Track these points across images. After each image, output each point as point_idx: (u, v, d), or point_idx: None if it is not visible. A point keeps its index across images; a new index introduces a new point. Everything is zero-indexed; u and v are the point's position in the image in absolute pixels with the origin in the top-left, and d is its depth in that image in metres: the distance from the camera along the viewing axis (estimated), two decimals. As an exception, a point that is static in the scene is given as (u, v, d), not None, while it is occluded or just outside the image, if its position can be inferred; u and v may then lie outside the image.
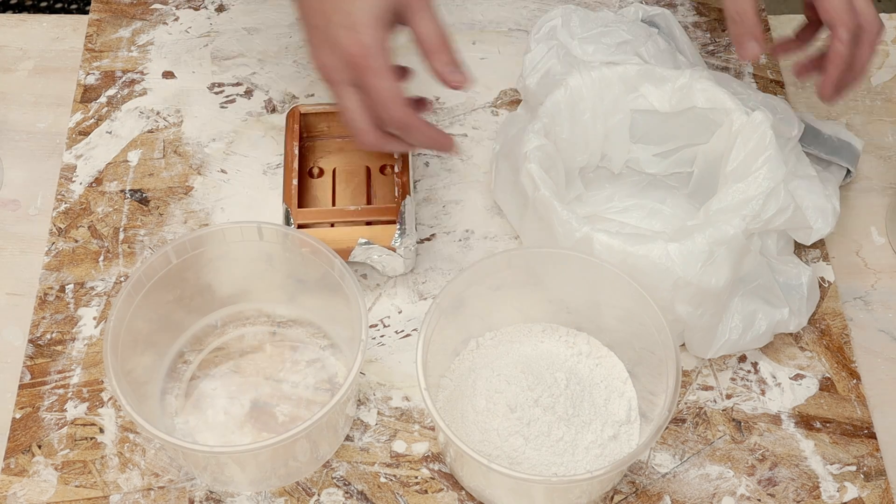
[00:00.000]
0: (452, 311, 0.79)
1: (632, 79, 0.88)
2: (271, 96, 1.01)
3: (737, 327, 0.82)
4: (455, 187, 0.95)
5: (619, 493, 0.80)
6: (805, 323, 0.85)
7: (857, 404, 0.84)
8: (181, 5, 1.06)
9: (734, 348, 0.83)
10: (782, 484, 0.80)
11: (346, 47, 0.75)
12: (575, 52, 0.91)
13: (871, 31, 0.79)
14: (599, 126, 0.89)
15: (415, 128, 0.78)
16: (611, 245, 0.79)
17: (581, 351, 0.83)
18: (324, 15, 0.76)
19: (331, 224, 0.87)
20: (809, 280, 0.85)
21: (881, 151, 0.98)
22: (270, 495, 0.80)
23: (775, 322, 0.83)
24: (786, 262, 0.86)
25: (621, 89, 0.88)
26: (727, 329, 0.82)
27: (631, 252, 0.78)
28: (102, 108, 0.99)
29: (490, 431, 0.77)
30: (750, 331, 0.82)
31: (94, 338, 0.86)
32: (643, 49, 0.91)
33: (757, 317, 0.82)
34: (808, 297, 0.85)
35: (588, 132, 0.89)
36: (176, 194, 0.94)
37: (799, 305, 0.84)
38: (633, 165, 0.93)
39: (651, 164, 0.92)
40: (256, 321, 0.87)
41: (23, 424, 0.82)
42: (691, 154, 0.90)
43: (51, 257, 0.90)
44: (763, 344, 0.84)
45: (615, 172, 0.93)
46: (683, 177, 0.93)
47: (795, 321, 0.84)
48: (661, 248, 0.78)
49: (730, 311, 0.82)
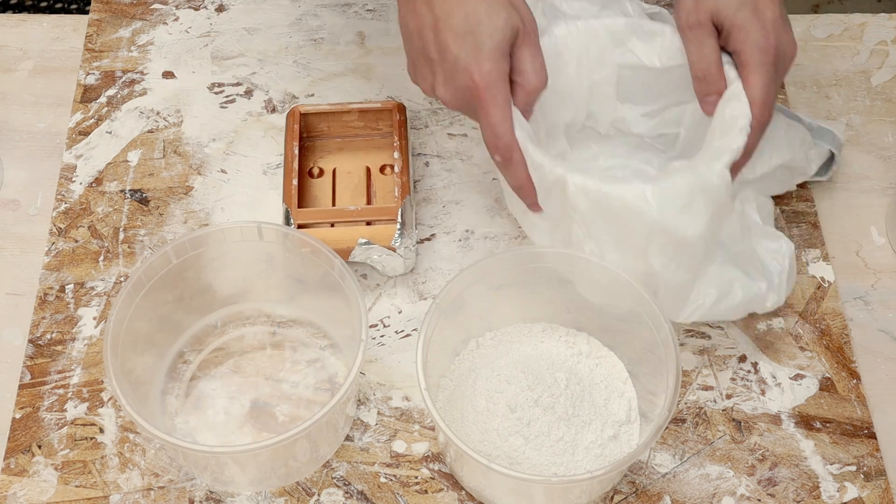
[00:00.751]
0: (452, 311, 0.79)
1: (620, 32, 0.85)
2: (271, 96, 1.01)
3: (711, 294, 0.79)
4: (455, 187, 0.95)
5: (619, 493, 0.80)
6: (782, 302, 0.83)
7: (857, 404, 0.84)
8: (181, 5, 1.06)
9: (707, 315, 0.80)
10: (782, 484, 0.80)
11: (467, 77, 0.76)
12: (561, 7, 0.87)
13: (768, 123, 0.81)
14: (584, 80, 0.86)
15: (514, 164, 0.79)
16: (585, 186, 0.76)
17: (581, 351, 0.83)
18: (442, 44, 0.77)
19: (331, 224, 0.87)
20: (790, 254, 0.83)
21: (881, 151, 0.98)
22: (270, 495, 0.80)
23: (752, 295, 0.80)
24: (771, 233, 0.83)
25: (608, 42, 0.85)
26: (701, 294, 0.79)
27: (605, 192, 0.75)
28: (102, 108, 0.99)
29: (490, 431, 0.77)
30: (725, 300, 0.80)
31: (94, 338, 0.86)
32: (630, 7, 0.88)
33: (734, 286, 0.80)
34: (789, 273, 0.82)
35: (573, 85, 0.86)
36: (176, 194, 0.94)
37: (779, 281, 0.82)
38: (619, 126, 0.90)
39: (638, 123, 0.89)
40: (256, 321, 0.87)
41: (23, 424, 0.82)
42: (679, 113, 0.87)
43: (51, 257, 0.90)
44: (737, 317, 0.82)
45: (601, 133, 0.90)
46: (671, 140, 0.90)
47: (773, 297, 0.81)
48: (637, 189, 0.75)
49: (706, 276, 0.79)
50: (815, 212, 0.93)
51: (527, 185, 0.80)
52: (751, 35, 0.78)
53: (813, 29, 1.06)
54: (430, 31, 0.77)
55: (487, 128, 0.78)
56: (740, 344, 0.87)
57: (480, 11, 0.75)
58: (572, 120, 0.89)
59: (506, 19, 0.76)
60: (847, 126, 0.99)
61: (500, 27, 0.76)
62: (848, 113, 1.00)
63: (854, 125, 1.00)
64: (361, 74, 1.02)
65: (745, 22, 0.78)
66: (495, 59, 0.76)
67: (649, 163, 0.90)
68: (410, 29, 0.79)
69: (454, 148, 0.97)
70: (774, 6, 0.79)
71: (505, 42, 0.76)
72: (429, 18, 0.77)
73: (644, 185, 0.75)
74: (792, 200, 0.94)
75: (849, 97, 1.01)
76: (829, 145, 0.91)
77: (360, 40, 1.05)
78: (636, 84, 0.87)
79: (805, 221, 0.93)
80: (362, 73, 1.02)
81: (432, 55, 0.77)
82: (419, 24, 0.78)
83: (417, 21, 0.78)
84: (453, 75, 0.77)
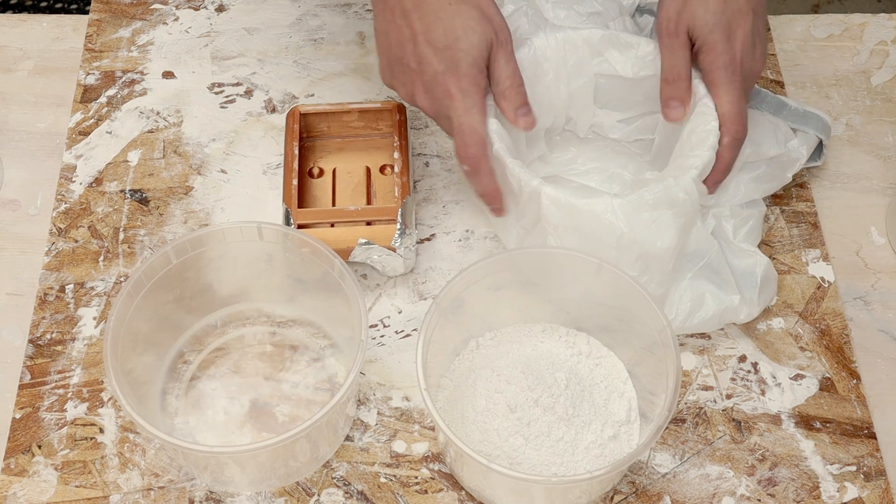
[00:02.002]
0: (452, 311, 0.79)
1: (597, 43, 0.88)
2: (271, 96, 1.01)
3: (685, 308, 0.82)
4: (455, 187, 0.95)
5: (619, 493, 0.80)
6: (756, 314, 0.84)
7: (857, 404, 0.84)
8: (181, 5, 1.06)
9: (681, 328, 0.83)
10: (782, 484, 0.80)
11: (444, 89, 0.80)
12: (547, 15, 0.91)
13: (744, 138, 0.84)
14: (563, 88, 0.90)
15: (481, 173, 0.82)
16: (557, 198, 0.79)
17: (581, 351, 0.83)
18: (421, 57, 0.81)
19: (331, 224, 0.87)
20: (765, 270, 0.85)
21: (881, 151, 0.98)
22: (270, 495, 0.80)
23: (724, 308, 0.83)
24: (744, 249, 0.86)
25: (586, 52, 0.89)
26: (674, 308, 0.82)
27: (576, 205, 0.79)
28: (102, 108, 0.99)
29: (490, 431, 0.77)
30: (698, 313, 0.82)
31: (94, 338, 0.86)
32: (612, 24, 0.92)
33: (706, 299, 0.82)
34: (762, 288, 0.84)
35: (552, 93, 0.90)
36: (176, 194, 0.94)
37: (751, 295, 0.84)
38: (598, 130, 0.94)
39: (615, 129, 0.93)
40: (256, 321, 0.87)
41: (23, 424, 0.82)
42: (653, 120, 0.91)
43: (51, 257, 0.90)
44: (711, 329, 0.84)
45: (580, 136, 0.94)
46: (646, 144, 0.93)
47: (746, 310, 0.83)
48: (606, 202, 0.79)
49: (679, 290, 0.82)
50: (815, 212, 0.93)
51: (492, 192, 0.84)
52: (720, 57, 0.82)
53: (813, 29, 1.06)
54: (409, 42, 0.81)
55: (458, 136, 0.81)
56: (740, 344, 0.87)
57: (457, 28, 0.80)
58: (553, 124, 0.92)
59: (481, 35, 0.80)
60: (847, 126, 0.99)
61: (475, 44, 0.80)
62: (848, 113, 1.00)
63: (854, 125, 1.00)
64: (361, 74, 1.02)
65: (716, 44, 0.82)
66: (471, 75, 0.81)
67: (625, 167, 0.94)
68: (390, 39, 0.82)
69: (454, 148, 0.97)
70: (747, 24, 0.83)
71: (481, 57, 0.81)
72: (407, 32, 0.81)
73: (612, 198, 0.79)
74: (792, 200, 0.94)
75: (849, 97, 1.01)
76: (814, 131, 0.91)
77: (360, 40, 1.05)
78: (612, 92, 0.91)
79: (805, 221, 0.93)
80: (362, 73, 1.02)
81: (412, 66, 0.81)
82: (399, 35, 0.81)
83: (397, 33, 0.81)
84: (433, 86, 0.81)
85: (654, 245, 0.79)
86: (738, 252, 0.85)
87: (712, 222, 0.85)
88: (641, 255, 0.79)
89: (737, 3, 0.82)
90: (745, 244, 0.86)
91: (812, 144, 0.91)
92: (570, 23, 0.91)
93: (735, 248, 0.86)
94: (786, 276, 0.90)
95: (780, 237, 0.92)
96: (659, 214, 0.79)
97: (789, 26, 1.06)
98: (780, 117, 0.91)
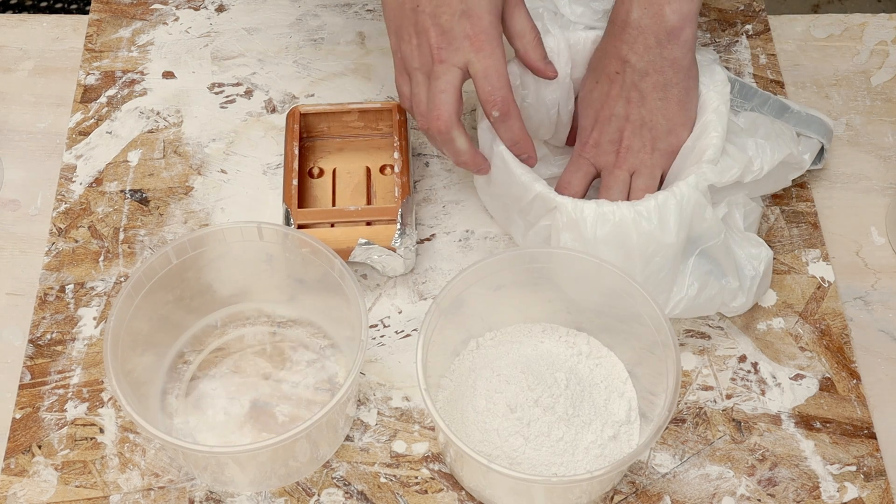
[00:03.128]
0: (452, 311, 0.79)
1: None
2: (271, 96, 1.01)
3: (693, 285, 0.82)
4: (455, 187, 0.95)
5: (619, 493, 0.80)
6: (750, 305, 0.84)
7: (857, 404, 0.84)
8: (181, 5, 1.06)
9: (689, 307, 0.82)
10: (782, 484, 0.80)
11: (465, 28, 0.79)
12: (563, 11, 0.91)
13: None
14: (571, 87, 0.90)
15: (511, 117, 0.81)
16: (564, 203, 0.80)
17: (581, 351, 0.83)
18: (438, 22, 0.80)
19: (331, 224, 0.87)
20: (767, 263, 0.84)
21: (881, 151, 0.98)
22: (270, 495, 0.80)
23: (723, 290, 0.82)
24: (751, 239, 0.85)
25: None
26: (685, 286, 0.82)
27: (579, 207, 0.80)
28: (102, 109, 0.99)
29: (490, 431, 0.77)
30: (704, 291, 0.82)
31: (94, 338, 0.86)
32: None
33: (710, 278, 0.82)
34: (762, 279, 0.84)
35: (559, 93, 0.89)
36: (176, 194, 0.94)
37: (750, 285, 0.84)
38: None
39: None
40: (256, 321, 0.87)
41: (23, 424, 0.82)
42: None
43: (51, 257, 0.90)
44: (711, 311, 0.84)
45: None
46: None
47: (742, 299, 0.83)
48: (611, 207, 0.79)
49: (687, 268, 0.82)
50: (815, 212, 0.93)
51: (523, 139, 0.83)
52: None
53: (813, 29, 1.06)
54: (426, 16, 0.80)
55: (484, 80, 0.80)
56: (740, 344, 0.87)
57: None
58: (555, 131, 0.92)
59: None
60: (847, 126, 0.99)
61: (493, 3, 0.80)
62: (848, 113, 1.00)
63: (854, 125, 1.00)
64: (361, 74, 1.02)
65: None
66: (489, 20, 0.80)
67: None
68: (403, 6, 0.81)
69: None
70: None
71: (496, 5, 0.80)
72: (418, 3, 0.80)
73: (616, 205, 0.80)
74: (792, 200, 0.94)
75: (849, 97, 1.01)
76: (817, 135, 0.91)
77: (360, 40, 1.05)
78: None
79: (805, 221, 0.93)
80: (362, 73, 1.02)
81: (427, 11, 0.80)
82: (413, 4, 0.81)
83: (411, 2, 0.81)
84: (451, 37, 0.80)
85: (661, 240, 0.79)
86: (744, 241, 0.85)
87: (724, 209, 0.84)
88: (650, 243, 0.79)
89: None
90: (753, 235, 0.86)
91: (815, 149, 0.91)
92: (585, 19, 0.90)
93: (742, 238, 0.85)
94: (786, 276, 0.90)
95: (780, 237, 0.92)
96: (662, 207, 0.79)
97: (789, 26, 1.06)
98: (782, 120, 0.91)
